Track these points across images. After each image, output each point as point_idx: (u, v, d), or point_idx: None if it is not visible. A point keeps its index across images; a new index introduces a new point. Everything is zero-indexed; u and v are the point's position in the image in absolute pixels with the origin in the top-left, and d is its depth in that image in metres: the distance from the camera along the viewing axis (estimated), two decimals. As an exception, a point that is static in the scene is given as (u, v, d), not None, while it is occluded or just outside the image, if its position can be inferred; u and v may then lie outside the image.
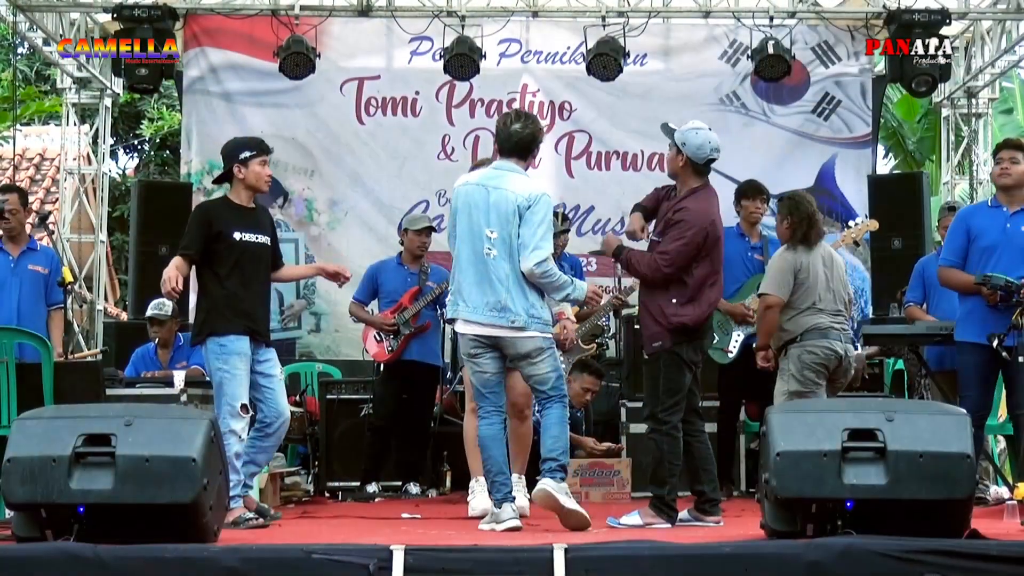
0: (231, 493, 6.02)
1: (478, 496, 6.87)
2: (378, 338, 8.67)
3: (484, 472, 6.18)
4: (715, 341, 8.23)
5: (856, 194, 11.48)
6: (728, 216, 8.84)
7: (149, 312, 9.18)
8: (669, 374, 6.34)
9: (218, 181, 6.77)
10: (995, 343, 6.43)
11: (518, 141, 6.24)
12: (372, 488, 8.54)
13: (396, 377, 8.67)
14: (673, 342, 6.33)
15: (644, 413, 6.54)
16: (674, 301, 6.31)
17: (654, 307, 6.37)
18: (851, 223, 8.91)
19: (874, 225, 8.60)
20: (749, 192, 8.62)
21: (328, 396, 9.02)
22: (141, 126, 19.73)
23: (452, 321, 6.32)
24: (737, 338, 8.36)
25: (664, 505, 6.27)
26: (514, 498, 6.13)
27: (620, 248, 6.53)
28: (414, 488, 8.63)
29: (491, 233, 6.08)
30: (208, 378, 8.63)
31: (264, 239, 6.62)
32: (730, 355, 8.38)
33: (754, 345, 7.81)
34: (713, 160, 6.49)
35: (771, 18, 10.78)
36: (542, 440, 6.14)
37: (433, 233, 9.07)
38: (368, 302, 8.87)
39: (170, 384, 7.99)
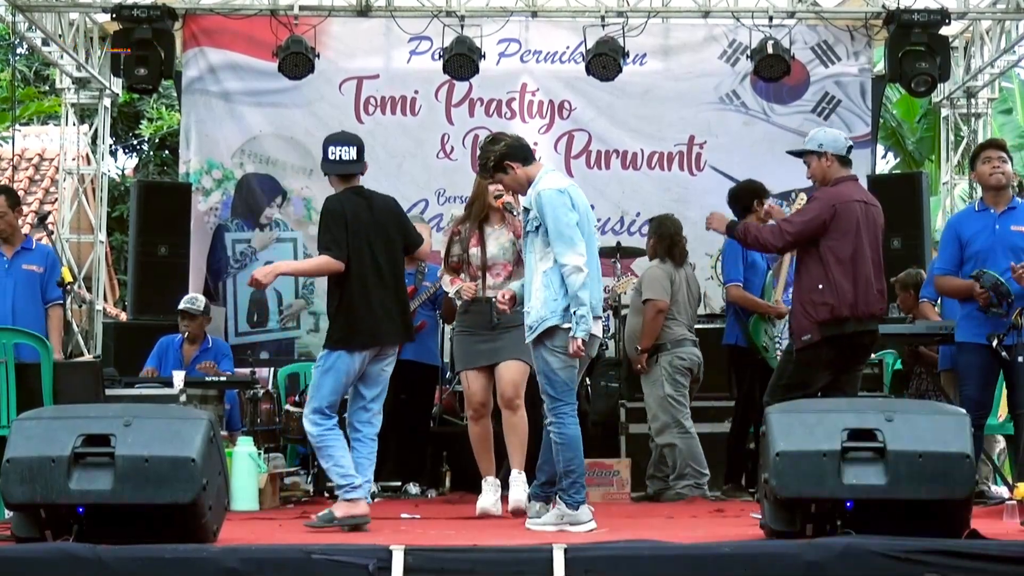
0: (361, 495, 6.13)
1: (485, 495, 6.86)
2: None
3: (568, 471, 5.95)
4: (768, 352, 8.14)
5: (856, 194, 11.47)
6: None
7: (181, 305, 9.24)
8: (798, 369, 6.45)
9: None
10: (995, 343, 6.44)
11: (528, 145, 6.37)
12: (372, 488, 8.53)
13: (393, 377, 8.64)
14: (823, 336, 6.37)
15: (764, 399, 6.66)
16: (820, 287, 6.43)
17: (802, 298, 6.53)
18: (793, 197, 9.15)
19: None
20: (741, 194, 8.59)
21: (327, 396, 9.00)
22: (140, 126, 19.75)
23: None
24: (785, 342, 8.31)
25: None
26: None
27: (732, 223, 6.87)
28: (414, 488, 8.62)
29: (597, 233, 6.32)
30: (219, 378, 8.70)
31: None
32: None
33: (637, 348, 8.21)
34: (851, 147, 6.78)
35: (770, 18, 10.77)
36: (576, 455, 6.01)
37: (427, 234, 9.03)
38: None
39: (169, 384, 7.98)
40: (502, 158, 6.21)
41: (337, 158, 6.32)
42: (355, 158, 6.33)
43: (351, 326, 6.15)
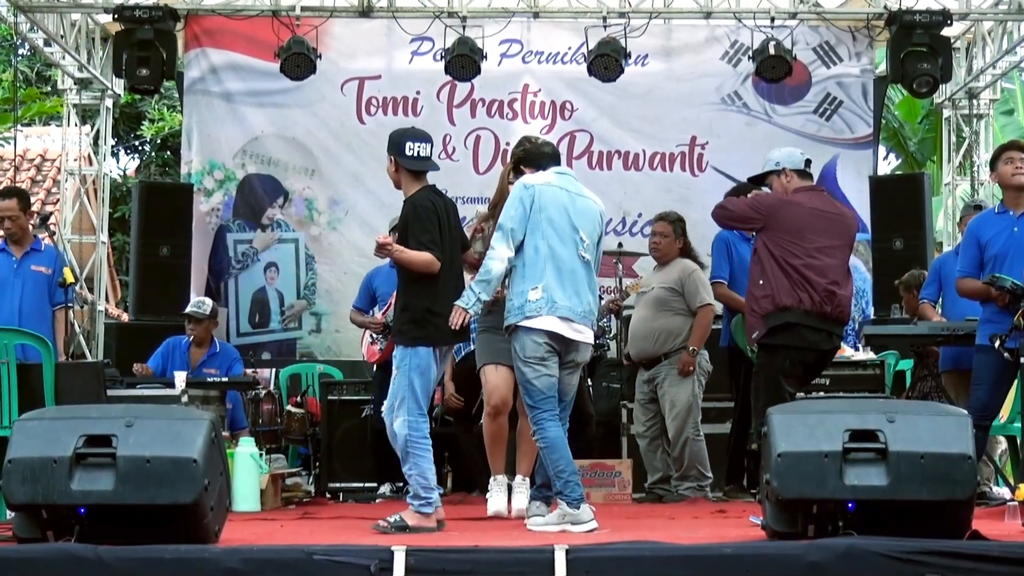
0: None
1: (495, 496, 6.83)
2: (371, 339, 8.67)
3: (558, 472, 5.96)
4: (755, 352, 8.12)
5: (857, 195, 11.48)
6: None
7: (187, 309, 9.25)
8: (767, 386, 6.47)
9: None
10: (996, 344, 6.42)
11: (554, 153, 6.40)
12: (383, 489, 8.54)
13: (390, 378, 8.62)
14: (768, 328, 6.42)
15: (753, 433, 6.70)
16: (760, 283, 6.50)
17: (749, 297, 6.63)
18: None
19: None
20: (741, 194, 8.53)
21: (329, 397, 9.02)
22: (142, 127, 19.76)
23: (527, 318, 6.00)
24: None
25: None
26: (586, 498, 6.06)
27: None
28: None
29: (584, 238, 6.13)
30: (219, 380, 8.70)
31: None
32: None
33: (690, 349, 8.10)
34: (809, 161, 6.81)
35: (772, 19, 10.76)
36: (562, 455, 6.00)
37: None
38: (368, 309, 8.86)
39: (171, 385, 7.98)
40: (518, 161, 6.37)
41: (416, 154, 6.28)
42: (430, 155, 6.34)
43: (433, 322, 6.08)
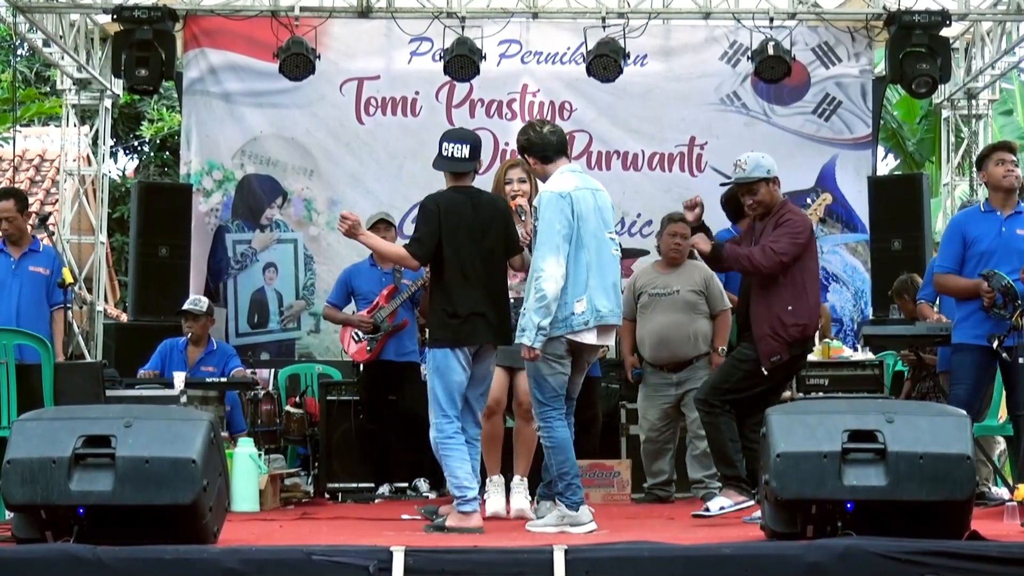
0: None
1: (492, 497, 6.82)
2: (356, 338, 8.65)
3: (562, 474, 5.94)
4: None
5: (856, 195, 11.50)
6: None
7: (184, 306, 9.28)
8: (746, 377, 6.33)
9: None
10: (995, 344, 6.43)
11: (560, 142, 6.19)
12: (382, 490, 8.53)
13: (378, 379, 8.62)
14: (791, 355, 6.29)
15: (696, 395, 6.63)
16: (790, 308, 6.22)
17: (771, 319, 6.23)
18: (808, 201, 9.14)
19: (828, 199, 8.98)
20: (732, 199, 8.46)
21: (328, 397, 9.01)
22: (141, 127, 19.75)
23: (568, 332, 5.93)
24: None
25: (743, 483, 6.28)
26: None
27: (718, 245, 6.37)
28: (424, 485, 8.57)
29: (611, 235, 6.08)
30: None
31: None
32: None
33: (720, 350, 8.09)
34: None
35: (771, 19, 10.78)
36: (568, 457, 5.99)
37: (393, 227, 8.96)
38: (342, 306, 8.87)
39: (170, 385, 7.98)
40: (521, 150, 6.25)
41: (449, 155, 6.23)
42: (467, 156, 6.22)
43: (449, 324, 6.03)
